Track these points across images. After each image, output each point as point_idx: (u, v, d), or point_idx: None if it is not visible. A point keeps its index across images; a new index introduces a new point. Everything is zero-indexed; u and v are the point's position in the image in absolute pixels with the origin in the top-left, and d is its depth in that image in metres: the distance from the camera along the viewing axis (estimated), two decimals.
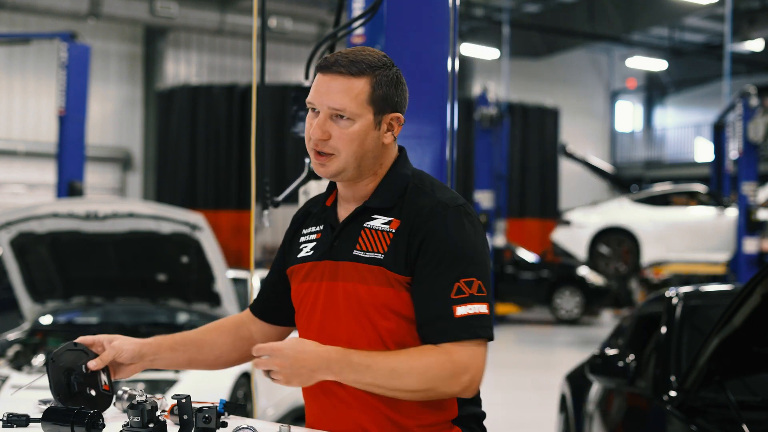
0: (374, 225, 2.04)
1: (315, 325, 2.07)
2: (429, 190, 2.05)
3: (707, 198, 14.93)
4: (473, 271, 1.97)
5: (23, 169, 18.70)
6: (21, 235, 5.84)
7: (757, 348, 3.37)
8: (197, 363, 2.30)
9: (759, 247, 13.07)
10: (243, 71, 20.42)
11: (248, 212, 6.27)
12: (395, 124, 2.06)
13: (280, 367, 1.89)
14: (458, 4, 3.26)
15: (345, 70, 1.99)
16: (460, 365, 1.92)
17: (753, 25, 19.85)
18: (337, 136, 2.01)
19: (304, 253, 2.13)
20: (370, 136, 2.02)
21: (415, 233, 1.98)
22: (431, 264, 1.96)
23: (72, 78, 10.35)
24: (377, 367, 1.91)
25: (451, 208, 2.01)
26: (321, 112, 2.02)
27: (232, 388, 5.64)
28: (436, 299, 1.95)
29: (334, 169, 2.03)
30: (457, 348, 1.93)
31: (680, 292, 4.34)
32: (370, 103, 2.00)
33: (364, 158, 2.03)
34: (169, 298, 6.22)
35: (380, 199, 2.06)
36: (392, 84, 2.03)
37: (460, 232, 1.99)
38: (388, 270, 1.98)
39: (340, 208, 2.13)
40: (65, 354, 2.15)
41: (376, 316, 2.00)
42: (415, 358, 1.93)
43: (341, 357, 1.91)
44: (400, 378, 1.91)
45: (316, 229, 2.15)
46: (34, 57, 18.36)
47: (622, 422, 4.33)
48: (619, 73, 27.37)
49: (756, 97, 12.97)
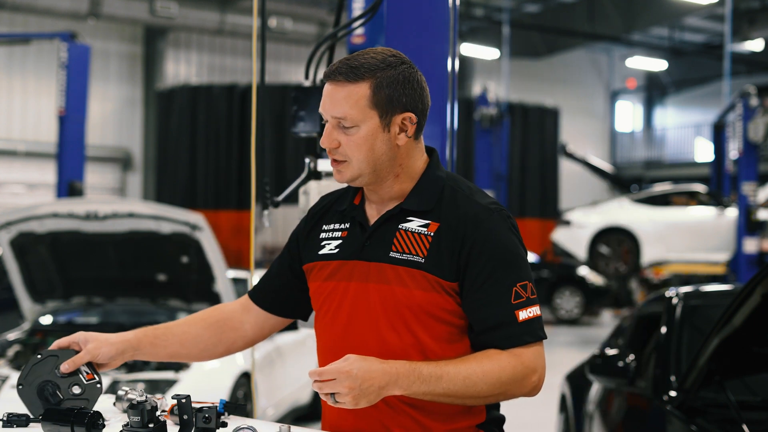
0: (410, 227, 2.01)
1: (340, 325, 2.04)
2: (468, 194, 2.04)
3: (707, 198, 14.93)
4: (525, 275, 1.99)
5: (23, 169, 18.70)
6: (21, 235, 5.84)
7: (757, 348, 3.37)
8: (180, 357, 2.28)
9: (759, 247, 13.08)
10: (243, 71, 20.42)
11: (248, 212, 6.27)
12: (408, 124, 2.01)
13: (349, 389, 1.82)
14: (458, 4, 3.26)
15: (343, 78, 1.97)
16: (529, 367, 1.95)
17: (753, 25, 19.85)
18: (345, 144, 1.99)
19: (327, 250, 2.09)
20: (380, 140, 1.99)
21: (464, 239, 1.97)
22: (486, 270, 1.95)
23: (72, 78, 10.35)
24: (449, 377, 1.90)
25: (495, 212, 2.00)
26: (328, 121, 2.01)
27: (232, 388, 5.64)
28: (497, 305, 1.95)
29: (349, 175, 2.01)
30: (524, 351, 1.95)
31: (680, 292, 4.34)
32: (373, 106, 1.97)
33: (378, 162, 2.00)
34: (169, 298, 6.22)
35: (417, 201, 2.03)
36: (398, 83, 1.98)
37: (508, 236, 1.99)
38: (430, 273, 1.96)
39: (369, 208, 2.10)
40: (31, 372, 2.12)
41: (411, 320, 1.98)
42: (486, 363, 1.93)
43: (410, 371, 1.88)
44: (474, 385, 1.91)
45: (342, 226, 2.11)
46: (34, 57, 18.36)
47: (622, 422, 4.33)
48: (619, 73, 27.37)
49: (756, 97, 12.97)
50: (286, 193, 3.25)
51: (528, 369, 1.95)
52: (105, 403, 2.23)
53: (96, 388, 2.14)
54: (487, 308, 1.95)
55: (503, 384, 1.93)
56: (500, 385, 1.92)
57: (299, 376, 7.36)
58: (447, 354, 1.99)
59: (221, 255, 5.80)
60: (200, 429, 2.01)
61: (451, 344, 2.00)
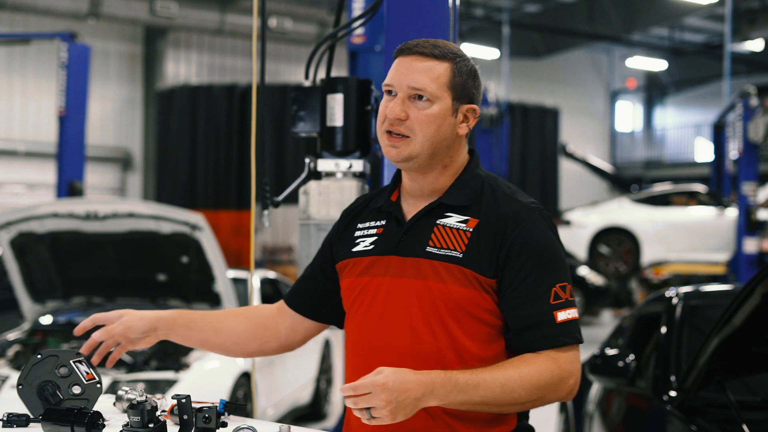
0: (448, 223, 1.99)
1: (373, 322, 2.00)
2: (509, 193, 2.01)
3: (707, 198, 14.92)
4: (564, 276, 1.96)
5: (23, 169, 18.69)
6: (21, 235, 5.84)
7: (757, 348, 3.37)
8: (211, 345, 2.24)
9: (759, 247, 13.06)
10: (243, 71, 20.41)
11: (248, 212, 6.28)
12: (471, 116, 2.02)
13: (386, 402, 1.75)
14: (458, 4, 3.26)
15: (428, 51, 1.98)
16: (566, 370, 1.91)
17: (753, 25, 19.84)
18: (415, 117, 1.96)
19: (362, 247, 2.07)
20: (447, 122, 1.98)
21: (504, 236, 1.94)
22: (526, 269, 1.93)
23: (72, 78, 10.34)
24: (486, 385, 1.85)
25: (536, 212, 1.98)
26: (400, 92, 1.98)
27: (232, 388, 5.64)
28: (535, 305, 1.92)
29: (407, 152, 1.98)
30: (560, 354, 1.92)
31: (680, 292, 4.34)
32: (449, 87, 1.98)
33: (439, 145, 1.98)
34: (169, 298, 6.22)
35: (456, 197, 2.01)
36: (471, 75, 2.01)
37: (548, 236, 1.97)
38: (467, 269, 1.93)
39: (405, 203, 2.07)
40: (31, 372, 2.13)
41: (447, 316, 1.94)
42: (523, 368, 1.89)
43: (446, 380, 1.83)
44: (511, 392, 1.87)
45: (377, 223, 2.09)
46: (34, 57, 18.35)
47: (622, 422, 4.33)
48: (619, 73, 27.37)
49: (756, 97, 12.96)
50: (286, 193, 3.26)
51: (564, 372, 1.91)
52: (105, 403, 2.24)
53: (96, 388, 2.14)
54: (525, 307, 1.92)
55: (541, 389, 1.89)
56: (538, 390, 1.88)
57: (299, 376, 7.36)
58: (482, 353, 1.96)
59: (221, 255, 5.80)
60: (200, 429, 2.01)
61: (486, 344, 1.96)
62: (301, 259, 3.19)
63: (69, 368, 2.13)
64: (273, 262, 15.42)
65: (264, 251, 15.55)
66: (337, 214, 3.17)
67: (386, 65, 3.21)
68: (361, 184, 3.22)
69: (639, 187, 20.55)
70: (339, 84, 3.21)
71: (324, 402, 8.07)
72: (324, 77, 3.30)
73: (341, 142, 3.20)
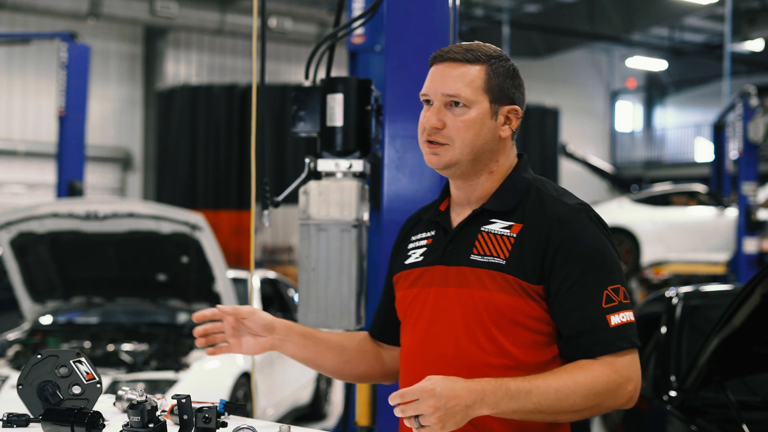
0: (493, 229, 1.94)
1: (420, 333, 1.97)
2: (556, 195, 1.97)
3: (707, 198, 14.91)
4: (617, 278, 1.88)
5: (23, 169, 18.69)
6: (21, 235, 5.84)
7: (757, 348, 3.37)
8: (323, 361, 2.15)
9: (759, 247, 13.06)
10: (243, 71, 20.41)
11: (248, 212, 6.27)
12: (513, 118, 1.99)
13: (434, 409, 1.69)
14: (458, 4, 3.25)
15: (460, 56, 1.95)
16: (624, 375, 1.83)
17: (753, 25, 19.83)
18: (452, 124, 1.93)
19: (413, 259, 2.04)
20: (486, 126, 1.95)
21: (548, 240, 1.88)
22: (575, 273, 1.86)
23: (72, 78, 10.34)
24: (540, 392, 1.78)
25: (584, 213, 1.92)
26: (435, 101, 1.95)
27: (232, 388, 5.64)
28: (587, 309, 1.85)
29: (447, 159, 1.94)
30: (617, 359, 1.84)
31: (680, 292, 4.34)
32: (485, 90, 1.95)
33: (480, 150, 1.95)
34: (169, 298, 6.22)
35: (500, 202, 1.97)
36: (509, 75, 1.98)
37: (598, 238, 1.90)
38: (511, 276, 1.88)
39: (453, 213, 2.04)
40: (31, 372, 2.13)
41: (490, 325, 1.89)
42: (578, 374, 1.81)
43: (497, 387, 1.76)
44: (566, 399, 1.79)
45: (427, 234, 2.06)
46: (34, 57, 18.34)
47: (622, 422, 4.33)
48: (619, 73, 27.37)
49: (756, 97, 12.96)
50: (286, 193, 3.25)
51: (622, 377, 1.83)
52: (105, 403, 2.24)
53: (96, 388, 2.14)
54: (576, 312, 1.85)
55: (597, 395, 1.80)
56: (594, 397, 1.80)
57: (299, 376, 7.36)
58: (530, 361, 1.89)
59: (221, 255, 5.80)
60: (200, 429, 2.01)
61: (534, 351, 1.90)
62: (301, 259, 3.19)
63: (69, 368, 2.12)
64: (273, 262, 15.42)
65: (264, 251, 15.55)
66: (337, 214, 3.18)
67: (386, 65, 3.21)
68: (361, 184, 3.21)
69: (639, 187, 20.54)
70: (339, 84, 3.21)
71: (324, 402, 8.07)
72: (324, 77, 3.30)
73: (341, 142, 3.20)
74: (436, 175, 3.10)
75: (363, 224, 3.21)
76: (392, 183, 3.16)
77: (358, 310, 3.19)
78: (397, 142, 3.15)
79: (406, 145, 3.14)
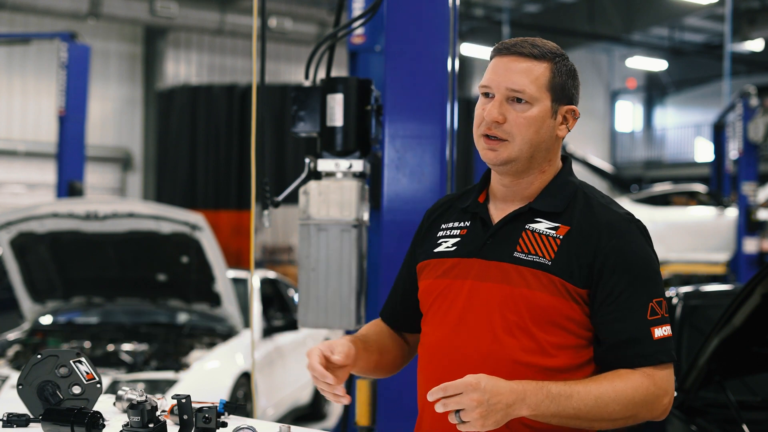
0: (538, 228, 1.91)
1: (450, 325, 1.93)
2: (605, 203, 1.94)
3: (707, 198, 14.91)
4: (661, 292, 1.89)
5: (23, 169, 18.69)
6: (21, 235, 5.84)
7: (757, 348, 3.37)
8: (381, 366, 2.12)
9: (759, 247, 13.06)
10: (243, 71, 20.41)
11: (248, 212, 6.27)
12: (570, 118, 1.96)
13: (478, 403, 1.68)
14: (458, 4, 3.25)
15: (527, 52, 1.92)
16: (662, 388, 1.85)
17: (753, 25, 19.83)
18: (513, 120, 1.90)
19: (444, 248, 2.00)
20: (547, 125, 1.92)
21: (597, 247, 1.86)
22: (622, 283, 1.85)
23: (72, 78, 10.34)
24: (580, 397, 1.78)
25: (634, 224, 1.91)
26: (497, 94, 1.91)
27: (232, 388, 5.64)
28: (632, 320, 1.84)
29: (506, 155, 1.91)
30: (657, 371, 1.84)
31: (680, 292, 4.34)
32: (549, 89, 1.92)
33: (537, 148, 1.92)
34: (169, 298, 6.22)
35: (549, 203, 1.94)
36: (571, 75, 1.97)
37: (646, 250, 1.90)
38: (556, 276, 1.86)
39: (492, 206, 2.00)
40: (31, 372, 2.13)
41: (530, 324, 1.87)
42: (618, 383, 1.81)
43: (538, 389, 1.76)
44: (605, 406, 1.79)
45: (461, 224, 2.02)
46: (34, 57, 18.35)
47: None
48: (619, 73, 27.37)
49: (756, 97, 12.96)
50: (286, 193, 3.26)
51: (660, 390, 1.84)
52: (105, 403, 2.24)
53: (96, 388, 2.14)
54: (622, 322, 1.85)
55: (636, 405, 1.81)
56: (633, 407, 1.81)
57: (299, 376, 7.35)
58: (565, 364, 1.89)
59: (221, 255, 5.80)
60: (200, 429, 2.01)
61: (571, 355, 1.89)
62: (301, 259, 3.19)
63: (69, 368, 2.13)
64: (273, 262, 15.41)
65: (264, 251, 15.54)
66: (337, 214, 3.18)
67: (386, 65, 3.21)
68: (361, 184, 3.21)
69: (639, 187, 20.54)
70: (339, 84, 3.21)
71: (324, 402, 8.07)
72: (324, 77, 3.30)
73: (341, 142, 3.20)
74: (436, 175, 3.09)
75: (363, 224, 3.22)
76: (392, 183, 3.16)
77: (358, 310, 3.19)
78: (397, 142, 3.15)
79: (406, 145, 3.15)
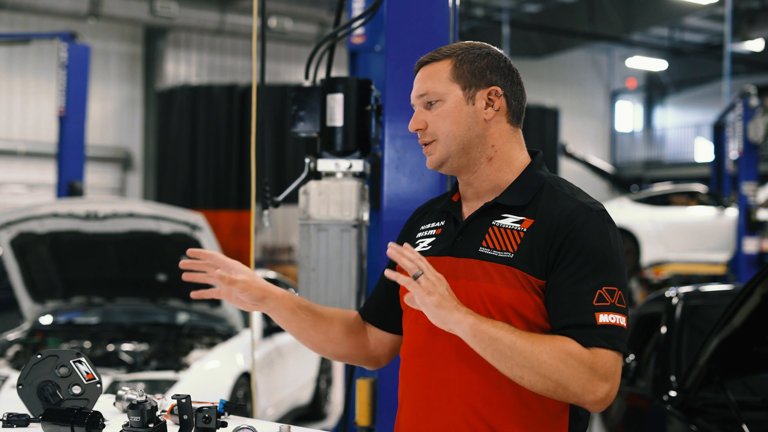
0: (504, 223, 1.94)
1: (424, 324, 1.94)
2: (569, 193, 1.95)
3: (707, 198, 14.92)
4: (615, 281, 1.86)
5: (23, 169, 18.69)
6: (21, 235, 5.84)
7: (757, 348, 3.37)
8: (306, 336, 2.18)
9: (759, 247, 13.06)
10: (243, 71, 20.41)
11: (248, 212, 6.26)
12: (495, 98, 1.99)
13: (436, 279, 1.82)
14: (458, 4, 3.25)
15: (428, 59, 2.02)
16: (602, 371, 1.81)
17: (753, 25, 19.83)
18: (431, 121, 1.98)
19: (421, 248, 2.05)
20: (464, 113, 1.96)
21: (556, 235, 1.88)
22: (572, 267, 1.85)
23: (72, 78, 10.34)
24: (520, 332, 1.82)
25: (595, 212, 1.91)
26: (415, 106, 2.02)
27: (232, 388, 5.64)
28: (577, 304, 1.84)
29: (437, 155, 1.98)
30: (601, 351, 1.81)
31: (680, 292, 4.34)
32: (454, 79, 1.97)
33: (466, 138, 1.96)
34: (169, 298, 6.22)
35: (513, 197, 1.96)
36: (480, 58, 1.99)
37: (603, 237, 1.88)
38: (518, 270, 1.88)
39: (465, 206, 2.04)
40: (31, 372, 2.13)
41: (497, 317, 1.88)
42: (558, 341, 1.81)
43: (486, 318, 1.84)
44: (539, 353, 1.79)
45: (437, 224, 2.07)
46: (34, 57, 18.35)
47: (622, 422, 4.33)
48: (619, 73, 27.37)
49: (756, 97, 12.96)
50: (286, 193, 3.25)
51: (599, 371, 1.80)
52: (105, 403, 2.24)
53: (96, 388, 2.14)
54: (566, 306, 1.85)
55: (568, 368, 1.78)
56: (565, 368, 1.78)
57: (299, 376, 7.36)
58: None
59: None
60: (200, 429, 2.01)
61: None
62: (301, 259, 3.19)
63: (69, 368, 2.13)
64: (273, 262, 15.42)
65: (264, 251, 15.55)
66: (337, 214, 3.18)
67: (386, 65, 3.21)
68: (361, 184, 3.21)
69: (639, 187, 20.54)
70: (339, 84, 3.21)
71: (324, 402, 8.07)
72: (324, 77, 3.30)
73: (341, 142, 3.20)
74: (436, 175, 3.10)
75: (363, 224, 3.22)
76: (392, 183, 3.16)
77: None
78: (397, 142, 3.15)
79: (406, 145, 3.14)
